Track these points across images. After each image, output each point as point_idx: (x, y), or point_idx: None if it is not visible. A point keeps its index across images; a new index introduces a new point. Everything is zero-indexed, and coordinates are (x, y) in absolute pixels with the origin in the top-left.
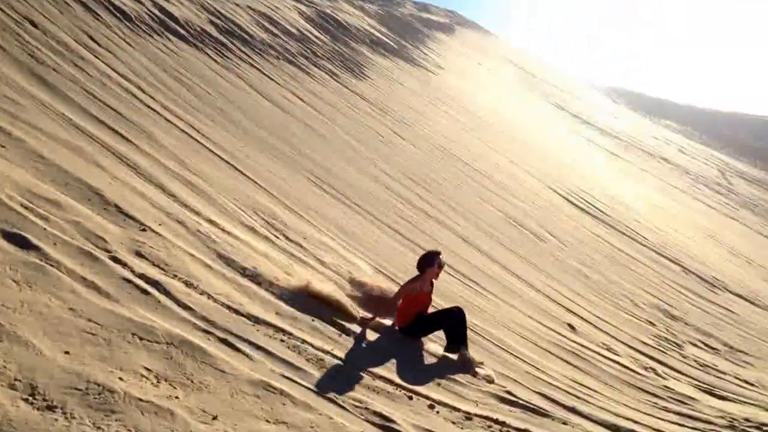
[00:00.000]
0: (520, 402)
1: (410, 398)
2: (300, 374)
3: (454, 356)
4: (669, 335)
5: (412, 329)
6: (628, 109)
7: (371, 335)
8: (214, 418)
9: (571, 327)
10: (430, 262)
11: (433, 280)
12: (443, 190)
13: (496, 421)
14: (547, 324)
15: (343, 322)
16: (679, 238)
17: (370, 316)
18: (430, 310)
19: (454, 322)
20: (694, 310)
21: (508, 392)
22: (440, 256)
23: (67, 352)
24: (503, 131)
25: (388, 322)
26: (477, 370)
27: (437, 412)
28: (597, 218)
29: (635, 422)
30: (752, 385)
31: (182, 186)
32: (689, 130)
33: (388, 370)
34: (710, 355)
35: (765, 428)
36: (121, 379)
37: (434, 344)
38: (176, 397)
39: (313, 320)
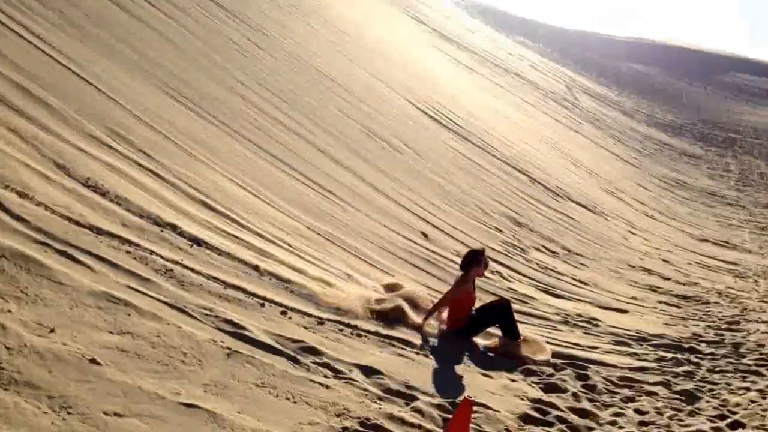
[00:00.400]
0: (374, 307)
1: (262, 305)
2: (147, 285)
3: (510, 349)
4: (515, 241)
5: (465, 330)
6: (484, 24)
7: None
8: (52, 330)
9: (425, 235)
10: (476, 262)
11: (477, 277)
12: (301, 101)
13: (348, 325)
14: (402, 232)
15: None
16: (528, 150)
17: (420, 321)
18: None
19: (504, 317)
20: (539, 218)
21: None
22: (485, 254)
23: None
24: (363, 44)
25: (434, 323)
26: (535, 358)
27: (289, 318)
28: (452, 131)
29: None
30: (585, 284)
31: (16, 92)
32: (541, 47)
33: (240, 278)
34: (551, 258)
35: (594, 321)
36: None
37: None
38: (8, 311)
39: (162, 231)
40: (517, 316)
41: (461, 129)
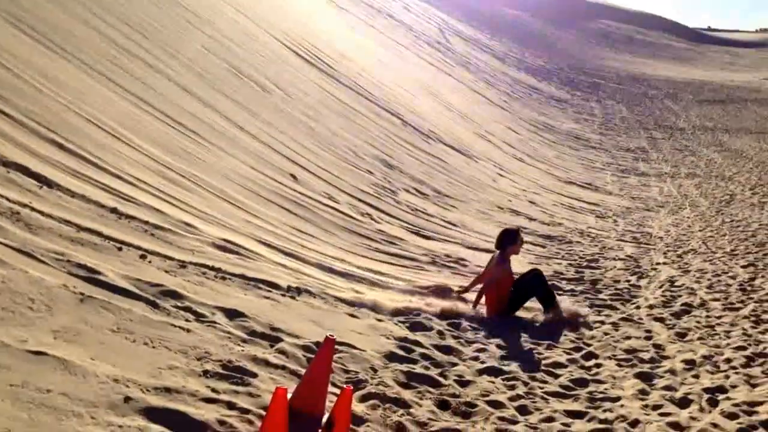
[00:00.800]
0: (237, 248)
1: (119, 249)
2: None
3: (550, 316)
4: (385, 183)
5: (506, 310)
6: None
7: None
8: None
9: (294, 177)
10: (512, 240)
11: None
12: (163, 38)
13: (212, 268)
14: (270, 174)
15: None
16: (401, 92)
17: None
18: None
19: (540, 286)
20: (410, 160)
21: (226, 240)
22: (519, 232)
23: None
24: None
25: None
26: (578, 321)
27: (149, 262)
28: (324, 72)
29: (350, 264)
30: (454, 225)
31: None
32: None
33: (96, 221)
34: (421, 200)
35: (462, 262)
36: None
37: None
38: None
39: (8, 171)
40: (385, 258)
41: (333, 70)
